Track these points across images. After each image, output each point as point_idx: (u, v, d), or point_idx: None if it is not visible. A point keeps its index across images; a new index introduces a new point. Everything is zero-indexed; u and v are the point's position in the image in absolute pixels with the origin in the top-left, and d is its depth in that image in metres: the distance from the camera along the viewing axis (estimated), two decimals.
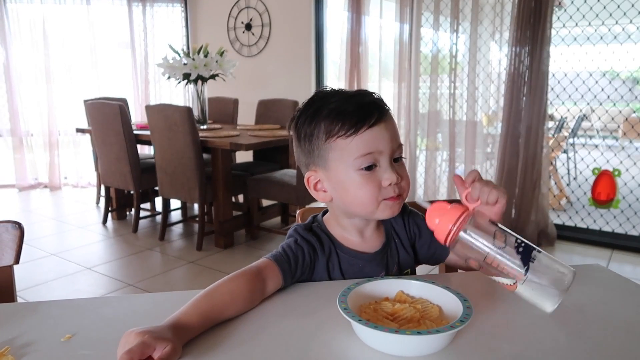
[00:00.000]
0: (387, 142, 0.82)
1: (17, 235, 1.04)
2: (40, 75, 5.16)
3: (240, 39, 4.89)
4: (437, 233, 0.74)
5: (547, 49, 3.26)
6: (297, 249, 0.86)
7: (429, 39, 3.91)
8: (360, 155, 0.81)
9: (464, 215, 0.72)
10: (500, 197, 0.76)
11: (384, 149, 0.82)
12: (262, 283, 0.78)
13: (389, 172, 0.82)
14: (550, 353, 0.64)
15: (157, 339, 0.60)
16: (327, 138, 0.82)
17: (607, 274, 0.93)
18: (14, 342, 0.67)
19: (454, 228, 0.72)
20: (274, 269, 0.81)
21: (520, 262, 0.69)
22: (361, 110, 0.82)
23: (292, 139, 0.91)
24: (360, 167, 0.81)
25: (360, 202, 0.83)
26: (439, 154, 4.08)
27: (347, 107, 0.82)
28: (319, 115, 0.84)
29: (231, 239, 3.45)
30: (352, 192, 0.83)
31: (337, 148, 0.82)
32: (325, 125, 0.83)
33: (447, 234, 0.72)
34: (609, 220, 3.53)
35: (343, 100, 0.84)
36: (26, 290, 2.68)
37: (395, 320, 0.67)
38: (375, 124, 0.81)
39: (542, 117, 3.34)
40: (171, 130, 3.21)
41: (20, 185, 5.23)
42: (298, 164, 0.92)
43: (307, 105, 0.87)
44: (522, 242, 0.71)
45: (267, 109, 4.29)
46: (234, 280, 0.76)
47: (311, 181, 0.88)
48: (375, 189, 0.82)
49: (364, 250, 0.91)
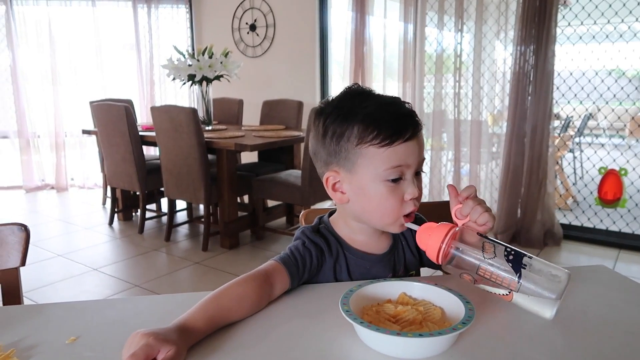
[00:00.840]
0: (416, 156, 0.82)
1: (23, 238, 1.05)
2: (46, 77, 5.19)
3: (245, 39, 4.90)
4: (428, 253, 0.76)
5: (553, 47, 3.24)
6: (305, 252, 0.85)
7: (433, 38, 3.90)
8: (390, 167, 0.80)
9: (451, 232, 0.74)
10: (488, 221, 0.77)
11: (412, 164, 0.82)
12: (270, 287, 0.78)
13: (412, 187, 0.82)
14: (553, 355, 0.64)
15: (162, 341, 0.60)
16: (358, 143, 0.81)
17: (611, 275, 0.93)
18: (19, 344, 0.67)
19: (443, 245, 0.73)
20: (282, 272, 0.81)
21: (512, 269, 0.70)
22: (398, 122, 0.81)
23: (312, 130, 0.89)
24: (387, 179, 0.81)
25: (382, 213, 0.84)
26: (444, 154, 4.07)
27: (384, 116, 0.81)
28: (353, 118, 0.82)
29: (236, 239, 3.46)
30: (375, 201, 0.83)
31: (367, 155, 0.81)
32: (359, 130, 0.81)
33: (437, 252, 0.74)
34: (616, 219, 3.51)
35: (379, 106, 0.82)
36: (33, 291, 2.70)
37: (397, 323, 0.67)
38: (409, 139, 0.81)
39: (548, 116, 3.32)
40: (176, 131, 3.22)
41: (27, 186, 5.26)
42: (313, 156, 0.90)
43: (340, 103, 0.85)
44: (512, 250, 0.72)
45: (271, 110, 4.29)
46: (242, 285, 0.75)
47: (330, 181, 0.87)
48: (397, 202, 0.82)
49: (371, 252, 0.91)
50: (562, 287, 0.69)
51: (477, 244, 0.73)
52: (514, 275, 0.69)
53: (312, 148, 0.90)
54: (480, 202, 0.79)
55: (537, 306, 0.71)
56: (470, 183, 3.87)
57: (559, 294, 0.69)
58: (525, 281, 0.69)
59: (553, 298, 0.69)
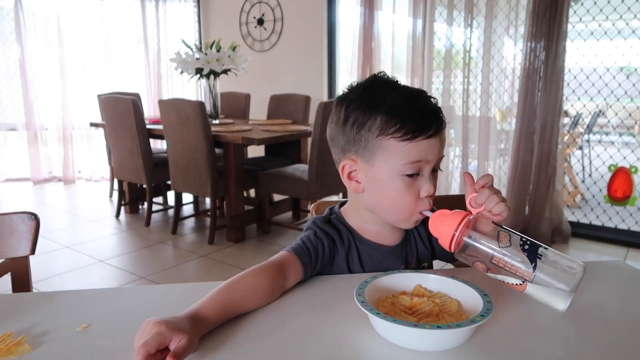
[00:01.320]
0: (436, 154, 0.81)
1: (33, 226, 1.05)
2: (54, 71, 5.20)
3: (253, 34, 4.88)
4: (441, 240, 0.74)
5: (564, 43, 3.21)
6: (317, 242, 0.85)
7: (442, 33, 3.87)
8: (409, 162, 0.79)
9: (465, 219, 0.72)
10: (503, 211, 0.75)
11: (431, 160, 0.81)
12: (283, 278, 0.78)
13: (428, 184, 0.81)
14: (569, 349, 0.63)
15: (174, 329, 0.59)
16: (379, 134, 0.79)
17: (628, 270, 0.91)
18: (30, 331, 0.67)
19: (456, 233, 0.72)
20: (295, 263, 0.80)
21: (528, 259, 0.68)
22: (423, 117, 0.79)
23: (333, 115, 0.87)
24: (404, 173, 0.80)
25: (396, 207, 0.83)
26: (452, 150, 4.04)
27: (409, 109, 0.80)
28: (377, 108, 0.80)
29: (242, 233, 3.46)
30: (390, 195, 0.82)
31: (387, 147, 0.79)
32: (382, 121, 0.79)
33: (450, 239, 0.72)
34: (625, 217, 3.48)
35: (405, 99, 0.81)
36: (41, 281, 2.71)
37: (413, 314, 0.66)
38: (432, 135, 0.79)
39: (558, 113, 3.29)
40: (184, 124, 3.21)
41: (35, 178, 5.29)
42: (330, 141, 0.89)
43: (365, 91, 0.84)
44: (527, 240, 0.70)
45: (279, 104, 4.28)
46: (256, 276, 0.74)
47: (346, 169, 0.85)
48: (413, 198, 0.81)
49: (383, 243, 0.90)
50: (577, 279, 0.67)
51: (492, 233, 0.72)
52: (529, 266, 0.68)
53: (330, 133, 0.88)
54: (497, 191, 0.77)
55: (550, 298, 0.69)
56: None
57: (574, 286, 0.67)
58: (540, 272, 0.68)
59: (567, 290, 0.68)
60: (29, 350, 0.62)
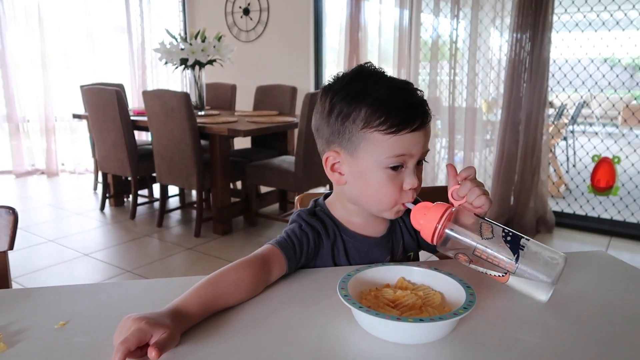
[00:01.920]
0: (420, 147, 0.80)
1: (11, 221, 1.02)
2: (35, 61, 5.10)
3: (238, 24, 4.83)
4: (423, 233, 0.74)
5: (549, 35, 3.22)
6: (302, 235, 0.84)
7: (429, 24, 3.86)
8: (392, 156, 0.79)
9: (447, 212, 0.72)
10: (485, 204, 0.76)
11: (415, 154, 0.80)
12: (267, 272, 0.77)
13: (411, 177, 0.81)
14: (554, 340, 0.63)
15: (154, 325, 0.58)
16: (363, 126, 0.78)
17: (610, 260, 0.92)
18: (7, 329, 0.65)
19: (439, 226, 0.71)
20: (280, 257, 0.79)
21: (510, 251, 0.68)
22: (408, 111, 0.78)
23: (318, 106, 0.86)
24: (387, 166, 0.79)
25: (379, 200, 0.82)
26: (438, 141, 4.05)
27: (394, 102, 0.78)
28: (362, 100, 0.79)
29: (229, 225, 3.44)
30: (373, 187, 0.81)
31: (371, 140, 0.79)
32: (367, 114, 0.78)
33: (432, 232, 0.72)
34: (608, 207, 3.53)
35: (391, 91, 0.80)
36: (24, 276, 2.67)
37: (396, 307, 0.66)
38: (417, 129, 0.78)
39: (543, 103, 3.31)
40: (168, 116, 3.18)
41: (17, 171, 5.20)
42: (315, 132, 0.88)
43: (350, 81, 0.83)
44: (510, 231, 0.70)
45: (265, 95, 4.25)
46: (239, 271, 0.74)
47: (330, 161, 0.85)
48: (396, 191, 0.81)
49: (369, 235, 0.90)
50: (559, 270, 0.68)
51: (474, 225, 0.72)
52: (511, 257, 0.68)
53: (315, 124, 0.87)
54: (479, 184, 0.77)
55: (532, 289, 0.69)
56: None
57: (555, 277, 0.68)
58: (522, 264, 0.68)
59: (549, 282, 0.68)
60: (4, 349, 0.60)
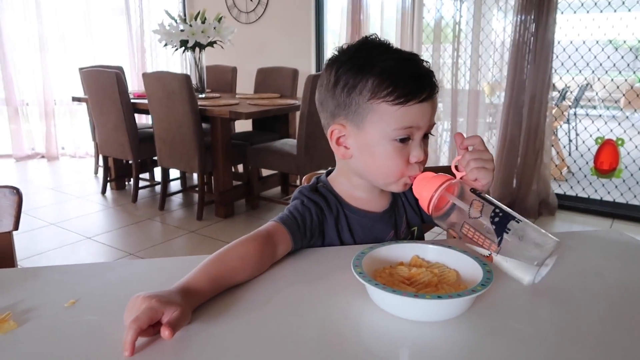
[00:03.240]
0: (427, 119, 0.79)
1: (16, 201, 1.01)
2: (33, 44, 5.04)
3: (238, 5, 4.76)
4: (421, 202, 0.74)
5: (554, 16, 3.18)
6: (305, 210, 0.83)
7: (431, 5, 3.81)
8: (400, 127, 0.77)
9: (445, 183, 0.71)
10: (482, 179, 0.74)
11: (422, 126, 0.79)
12: (272, 247, 0.76)
13: (418, 150, 0.79)
14: (572, 316, 0.62)
15: (165, 303, 0.57)
16: (370, 97, 0.77)
17: (625, 239, 0.91)
18: (16, 307, 0.64)
19: (434, 195, 0.71)
20: (284, 232, 0.78)
21: (494, 232, 0.67)
22: (416, 81, 0.77)
23: (323, 78, 0.84)
24: (395, 138, 0.78)
25: (385, 172, 0.81)
26: (440, 124, 4.03)
27: (402, 72, 0.77)
28: (369, 70, 0.77)
29: (231, 208, 3.43)
30: (379, 160, 0.80)
31: (379, 111, 0.77)
32: (374, 84, 0.76)
33: (427, 202, 0.71)
34: (610, 189, 3.52)
35: (398, 61, 0.78)
36: (26, 259, 2.67)
37: (412, 285, 0.65)
38: (424, 100, 0.77)
39: (547, 86, 3.28)
40: (169, 98, 3.15)
41: (17, 155, 5.17)
42: (319, 106, 0.86)
43: (356, 53, 0.81)
44: (500, 211, 0.68)
45: (266, 78, 4.21)
46: (245, 245, 0.73)
47: (335, 134, 0.83)
48: (403, 163, 0.80)
49: (371, 210, 0.89)
50: (545, 255, 0.65)
51: (466, 201, 0.70)
52: (494, 238, 0.66)
53: (319, 97, 0.86)
54: (480, 156, 0.75)
55: (517, 270, 0.67)
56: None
57: (540, 261, 0.65)
58: (505, 245, 0.66)
59: (533, 265, 0.66)
60: (14, 327, 0.60)
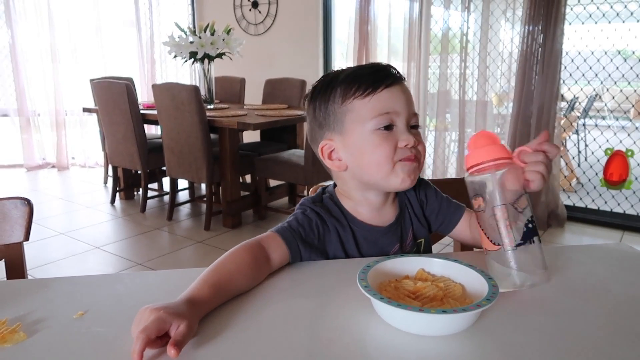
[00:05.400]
0: (404, 104, 0.81)
1: (27, 212, 1.03)
2: (46, 55, 5.12)
3: (247, 17, 4.81)
4: (470, 156, 0.70)
5: (562, 26, 3.18)
6: (304, 220, 0.84)
7: (439, 16, 3.82)
8: (377, 114, 0.80)
9: (504, 161, 0.68)
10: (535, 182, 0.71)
11: (401, 111, 0.81)
12: (264, 251, 0.78)
13: (406, 134, 0.80)
14: (579, 332, 0.62)
15: (173, 314, 0.58)
16: (343, 101, 0.82)
17: (634, 252, 0.90)
18: (26, 318, 0.65)
19: (486, 164, 0.68)
20: (277, 240, 0.80)
21: (522, 236, 0.67)
22: (378, 72, 0.82)
23: (308, 115, 0.90)
24: (377, 127, 0.80)
25: (377, 163, 0.81)
26: (448, 135, 4.02)
27: (363, 71, 0.83)
28: (335, 81, 0.84)
29: (239, 219, 3.44)
30: (368, 154, 0.81)
31: (354, 109, 0.81)
32: (342, 89, 0.82)
33: (477, 164, 0.69)
34: (621, 201, 3.49)
35: (359, 67, 0.86)
36: (36, 269, 2.69)
37: (417, 299, 0.65)
38: (392, 84, 0.81)
39: (555, 96, 3.27)
40: (178, 109, 3.18)
41: (28, 165, 5.23)
42: (311, 142, 0.91)
43: (323, 77, 0.88)
44: (534, 222, 0.68)
45: (274, 89, 4.24)
46: (235, 251, 0.76)
47: (325, 150, 0.85)
48: (391, 149, 0.80)
49: (377, 224, 0.88)
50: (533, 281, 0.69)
51: (514, 190, 0.69)
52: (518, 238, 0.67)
53: (309, 134, 0.91)
54: (547, 164, 0.72)
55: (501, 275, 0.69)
56: None
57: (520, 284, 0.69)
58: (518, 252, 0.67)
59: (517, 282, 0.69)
60: (24, 338, 0.60)
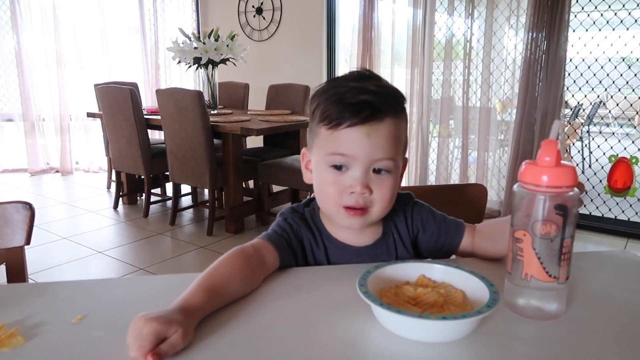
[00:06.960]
0: (365, 149, 0.74)
1: (28, 216, 1.03)
2: (51, 60, 5.15)
3: (251, 23, 4.84)
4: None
5: (565, 33, 3.18)
6: (286, 225, 0.85)
7: (443, 23, 3.83)
8: (332, 152, 0.76)
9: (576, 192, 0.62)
10: None
11: (358, 156, 0.74)
12: (256, 254, 0.77)
13: (355, 180, 0.75)
14: (581, 339, 0.61)
15: (167, 323, 0.57)
16: (318, 122, 0.78)
17: (631, 258, 0.89)
18: (24, 322, 0.65)
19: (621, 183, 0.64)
20: (269, 247, 0.80)
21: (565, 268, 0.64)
22: (352, 106, 0.74)
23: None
24: (330, 164, 0.77)
25: (324, 197, 0.80)
26: (452, 141, 4.02)
27: (343, 97, 0.75)
28: (322, 95, 0.79)
29: (242, 224, 3.44)
30: (319, 185, 0.81)
31: (319, 135, 0.78)
32: (321, 109, 0.78)
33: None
34: (625, 208, 3.47)
35: (348, 87, 0.76)
36: (38, 273, 2.70)
37: (417, 305, 0.64)
38: (356, 124, 0.73)
39: (559, 103, 3.27)
40: (182, 114, 3.18)
41: (32, 169, 5.26)
42: None
43: (327, 82, 0.83)
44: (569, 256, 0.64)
45: (277, 94, 4.25)
46: (227, 256, 0.75)
47: (305, 158, 0.86)
48: (336, 192, 0.77)
49: (351, 244, 0.86)
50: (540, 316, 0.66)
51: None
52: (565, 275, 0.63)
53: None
54: None
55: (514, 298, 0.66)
56: (477, 170, 3.83)
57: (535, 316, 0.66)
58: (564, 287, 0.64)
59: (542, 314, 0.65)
60: (22, 343, 0.60)
